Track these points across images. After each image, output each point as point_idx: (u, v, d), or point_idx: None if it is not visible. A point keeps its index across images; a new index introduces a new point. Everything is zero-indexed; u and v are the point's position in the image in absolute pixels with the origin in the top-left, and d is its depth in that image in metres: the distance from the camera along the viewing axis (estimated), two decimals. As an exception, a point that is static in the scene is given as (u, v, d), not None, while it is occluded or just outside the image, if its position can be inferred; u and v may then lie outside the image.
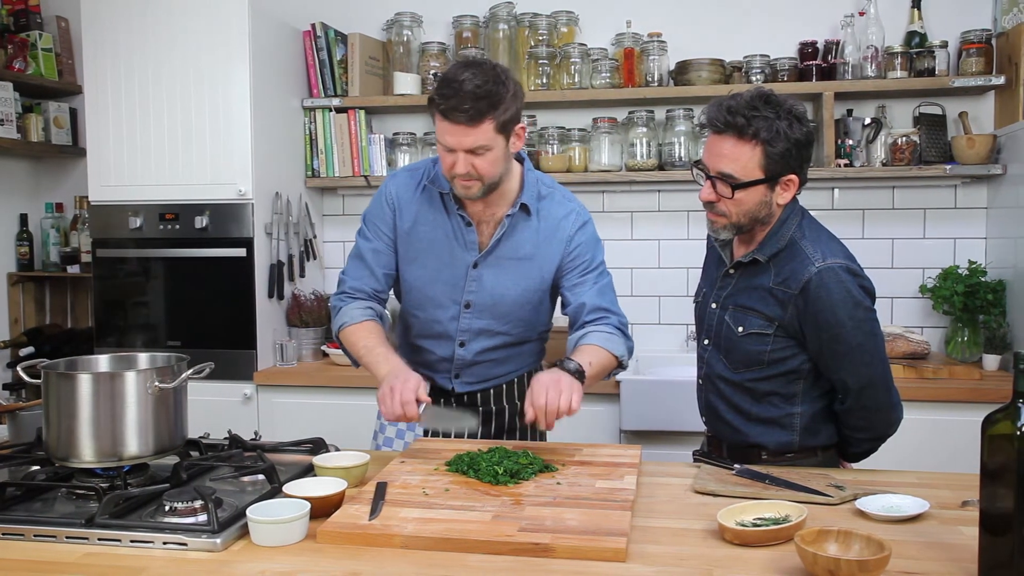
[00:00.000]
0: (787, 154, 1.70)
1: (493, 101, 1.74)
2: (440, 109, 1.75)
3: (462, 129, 1.74)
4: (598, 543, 1.29)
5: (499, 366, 2.05)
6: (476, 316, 1.97)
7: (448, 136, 1.76)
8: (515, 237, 1.94)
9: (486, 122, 1.74)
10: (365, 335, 1.91)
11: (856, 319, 1.72)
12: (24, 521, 1.41)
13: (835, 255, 1.74)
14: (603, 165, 3.31)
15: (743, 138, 1.69)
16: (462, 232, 1.93)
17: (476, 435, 2.00)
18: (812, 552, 1.18)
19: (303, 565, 1.28)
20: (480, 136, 1.75)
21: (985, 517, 1.16)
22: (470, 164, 1.77)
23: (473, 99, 1.72)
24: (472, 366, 2.02)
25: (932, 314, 3.25)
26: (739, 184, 1.71)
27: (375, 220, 1.99)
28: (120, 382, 1.55)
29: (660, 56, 3.27)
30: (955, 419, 2.69)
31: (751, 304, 1.80)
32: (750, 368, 1.81)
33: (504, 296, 1.95)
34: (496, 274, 1.94)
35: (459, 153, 1.77)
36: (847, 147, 3.14)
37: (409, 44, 3.45)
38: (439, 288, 1.96)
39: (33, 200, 3.75)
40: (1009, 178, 3.03)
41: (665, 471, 1.74)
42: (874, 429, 1.82)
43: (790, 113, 1.71)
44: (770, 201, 1.75)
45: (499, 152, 1.79)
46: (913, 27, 3.17)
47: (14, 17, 3.58)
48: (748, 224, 1.77)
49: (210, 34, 3.08)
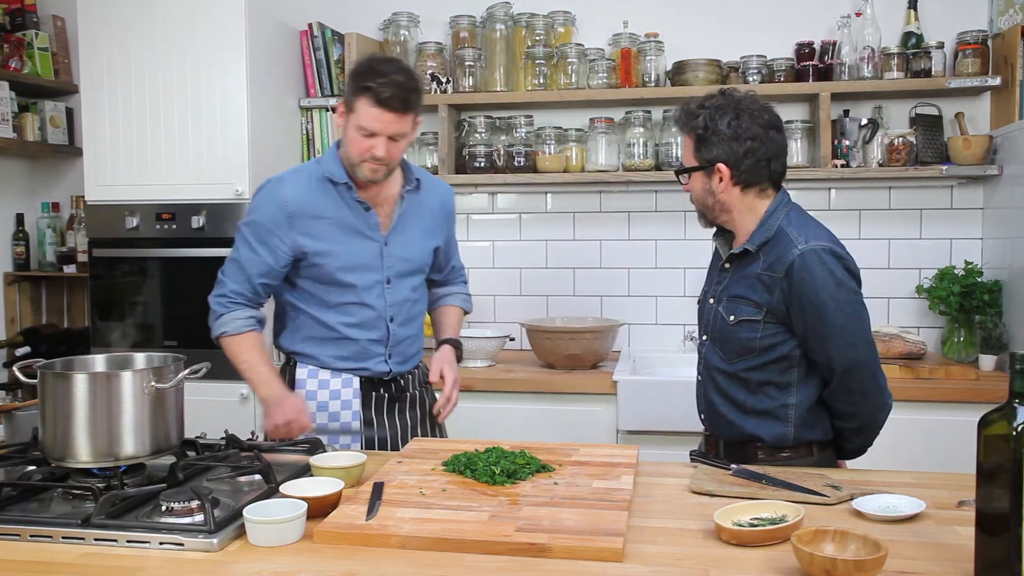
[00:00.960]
0: (710, 142, 1.83)
1: (419, 93, 1.96)
2: (379, 97, 1.88)
3: (392, 117, 1.90)
4: (595, 543, 1.30)
5: (416, 341, 2.21)
6: (396, 291, 2.11)
7: (376, 122, 1.90)
8: (413, 210, 2.12)
9: (411, 113, 1.94)
10: (247, 348, 2.03)
11: (839, 300, 1.76)
12: (20, 521, 1.40)
13: (819, 238, 1.81)
14: (600, 165, 3.31)
15: (685, 132, 1.90)
16: (363, 216, 2.05)
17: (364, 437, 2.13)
18: (809, 552, 1.18)
19: (300, 565, 1.28)
20: (405, 124, 1.94)
21: (981, 517, 1.16)
22: (387, 149, 1.93)
23: (407, 90, 1.90)
24: (400, 343, 2.14)
25: (928, 314, 3.25)
26: (681, 170, 1.91)
27: (266, 227, 2.01)
28: (116, 382, 1.55)
29: (657, 56, 3.28)
30: (951, 419, 2.70)
31: (741, 293, 1.85)
32: (743, 357, 1.84)
33: (414, 266, 2.14)
34: (404, 248, 2.11)
35: (380, 138, 1.92)
36: (843, 148, 3.14)
37: (406, 44, 3.45)
38: (359, 274, 2.05)
39: (29, 200, 3.75)
40: (1005, 179, 3.04)
41: (662, 471, 1.74)
42: (861, 416, 1.83)
43: (728, 107, 1.84)
44: (712, 189, 1.87)
45: (408, 141, 2.00)
46: (909, 28, 3.18)
47: (10, 16, 3.57)
48: (707, 212, 1.91)
49: (207, 34, 3.07)
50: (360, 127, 1.92)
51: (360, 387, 2.11)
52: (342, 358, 2.09)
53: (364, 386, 2.11)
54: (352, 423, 2.09)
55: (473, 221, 3.57)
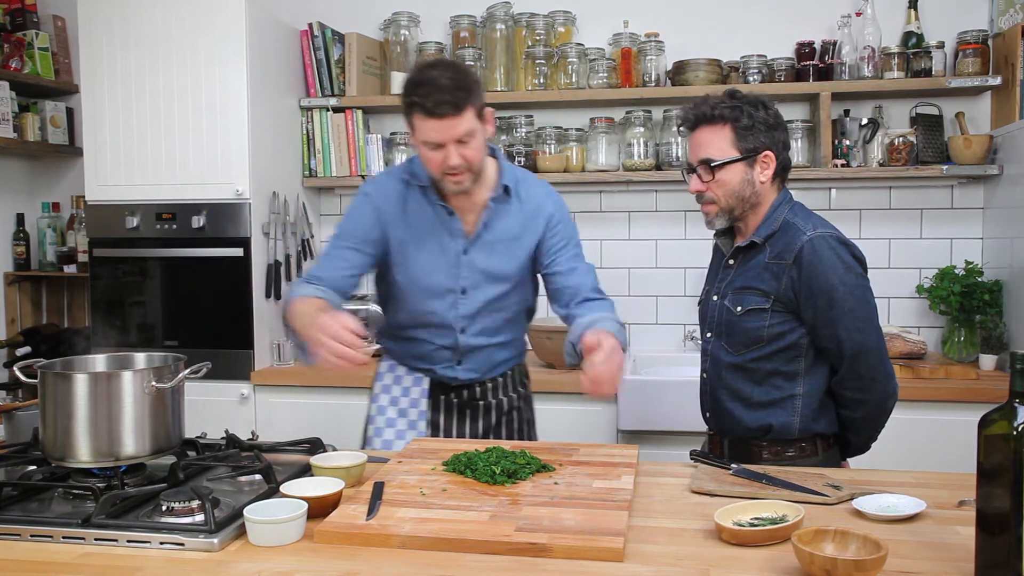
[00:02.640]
0: (755, 130, 1.82)
1: (468, 89, 1.83)
2: (425, 107, 1.81)
3: (449, 122, 1.81)
4: (595, 543, 1.29)
5: (501, 350, 2.10)
6: (472, 301, 2.02)
7: (434, 132, 1.82)
8: (501, 219, 2.01)
9: (468, 109, 1.82)
10: (305, 304, 1.87)
11: (848, 284, 1.78)
12: (20, 521, 1.40)
13: (825, 227, 1.84)
14: (600, 165, 3.31)
15: (713, 124, 1.84)
16: (446, 221, 1.99)
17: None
18: (809, 552, 1.18)
19: (300, 565, 1.28)
20: (466, 123, 1.83)
21: (981, 517, 1.16)
22: (460, 154, 1.84)
23: (452, 90, 1.80)
24: (474, 351, 2.06)
25: (929, 314, 3.25)
26: (717, 164, 1.83)
27: (356, 225, 2.00)
28: (117, 382, 1.55)
29: (657, 56, 3.28)
30: (952, 419, 2.70)
31: (748, 283, 1.86)
32: (750, 348, 1.85)
33: (497, 277, 2.02)
34: (487, 256, 2.01)
35: (449, 147, 1.84)
36: (844, 147, 3.14)
37: (406, 44, 3.45)
38: (435, 278, 2.01)
39: (30, 199, 3.75)
40: (1006, 178, 3.04)
41: (662, 471, 1.74)
42: (870, 403, 1.84)
43: (756, 101, 1.85)
44: (752, 179, 1.85)
45: (482, 138, 1.89)
46: (910, 28, 3.17)
47: (10, 16, 3.57)
48: (737, 206, 1.86)
49: (207, 33, 3.07)
50: (424, 143, 1.85)
51: (430, 388, 2.09)
52: (414, 357, 2.09)
53: (434, 388, 2.09)
54: (419, 422, 2.08)
55: (473, 221, 3.56)
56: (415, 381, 2.11)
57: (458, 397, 2.10)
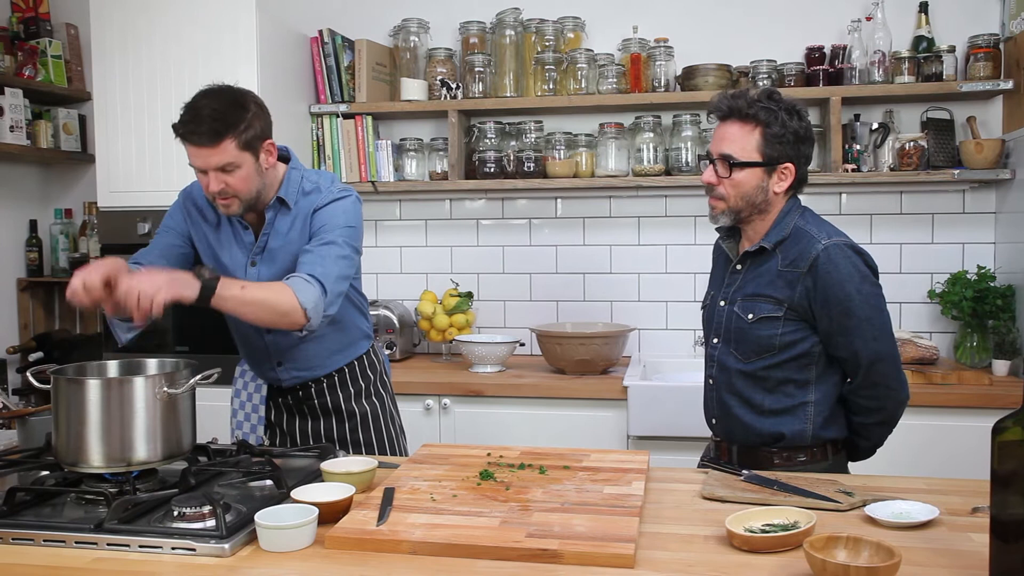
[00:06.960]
0: (784, 140, 1.80)
1: (229, 122, 1.84)
2: (180, 133, 1.86)
3: (205, 151, 1.84)
4: (606, 549, 1.29)
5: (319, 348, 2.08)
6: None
7: (194, 159, 1.87)
8: (280, 231, 2.01)
9: (226, 141, 1.84)
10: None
11: (864, 293, 1.78)
12: (33, 526, 1.41)
13: (838, 235, 1.84)
14: (610, 170, 3.31)
15: (744, 121, 1.82)
16: (241, 235, 2.04)
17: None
18: (821, 559, 1.17)
19: (311, 571, 1.28)
20: (223, 155, 1.84)
21: (995, 524, 1.15)
22: (222, 182, 1.87)
23: (210, 121, 1.82)
24: (291, 349, 2.08)
25: (941, 319, 3.23)
26: (737, 163, 1.81)
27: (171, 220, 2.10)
28: (129, 387, 1.56)
29: (667, 61, 3.28)
30: (964, 425, 2.68)
31: (759, 291, 1.85)
32: (761, 356, 1.84)
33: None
34: (270, 267, 2.01)
35: (210, 173, 1.87)
36: (854, 152, 3.13)
37: (416, 50, 3.46)
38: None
39: (42, 206, 3.78)
40: (1018, 183, 3.02)
41: (673, 477, 1.73)
42: (884, 410, 1.84)
43: (792, 108, 1.82)
44: (766, 187, 1.84)
45: (249, 169, 1.89)
46: (920, 32, 3.16)
47: (24, 24, 3.60)
48: (745, 209, 1.85)
49: (218, 40, 3.09)
50: (191, 165, 1.89)
51: (268, 394, 2.15)
52: (249, 360, 2.16)
53: (271, 392, 2.15)
54: (258, 427, 2.14)
55: (483, 226, 3.57)
56: (256, 387, 2.18)
57: (293, 399, 2.15)
